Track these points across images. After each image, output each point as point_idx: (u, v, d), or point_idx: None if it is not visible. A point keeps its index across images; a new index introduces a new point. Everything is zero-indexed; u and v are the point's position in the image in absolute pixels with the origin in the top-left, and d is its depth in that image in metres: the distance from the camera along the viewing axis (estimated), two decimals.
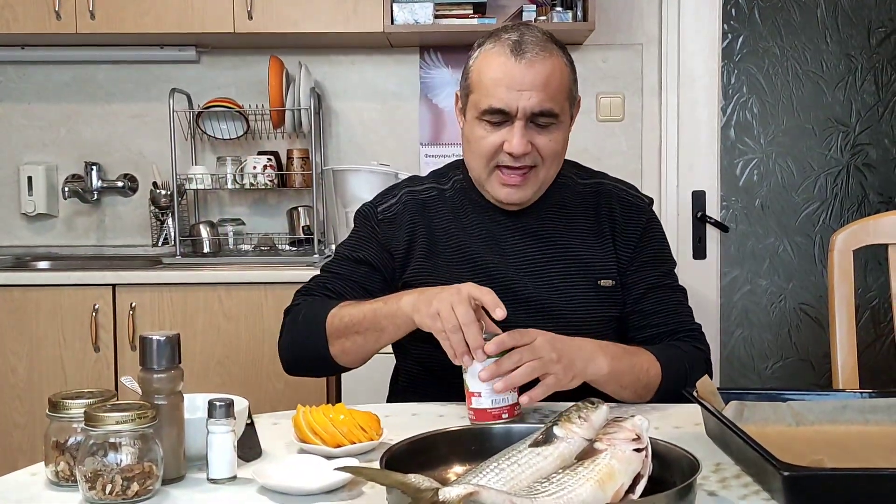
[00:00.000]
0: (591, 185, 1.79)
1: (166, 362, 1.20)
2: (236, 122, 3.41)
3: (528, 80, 1.59)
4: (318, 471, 1.20)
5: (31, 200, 3.47)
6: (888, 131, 3.58)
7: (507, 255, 1.70)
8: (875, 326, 3.58)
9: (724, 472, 1.22)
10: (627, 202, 1.77)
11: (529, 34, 1.63)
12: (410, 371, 1.79)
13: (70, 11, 3.14)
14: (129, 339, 2.88)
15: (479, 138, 1.64)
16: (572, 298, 1.68)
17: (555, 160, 1.67)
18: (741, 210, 3.59)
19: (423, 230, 1.74)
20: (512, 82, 1.59)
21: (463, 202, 1.76)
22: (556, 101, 1.61)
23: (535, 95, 1.59)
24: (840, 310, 1.83)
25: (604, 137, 3.52)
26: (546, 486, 1.00)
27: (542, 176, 1.67)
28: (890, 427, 1.35)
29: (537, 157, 1.64)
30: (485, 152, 1.64)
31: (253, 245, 3.42)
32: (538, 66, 1.59)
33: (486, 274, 1.67)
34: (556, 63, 1.62)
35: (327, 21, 3.17)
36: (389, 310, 1.53)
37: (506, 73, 1.59)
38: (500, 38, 1.63)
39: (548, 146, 1.63)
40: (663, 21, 3.46)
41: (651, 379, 1.57)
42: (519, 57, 1.59)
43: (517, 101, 1.59)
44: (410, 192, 1.79)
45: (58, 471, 1.20)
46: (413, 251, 1.73)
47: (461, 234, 1.73)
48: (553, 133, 1.64)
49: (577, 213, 1.74)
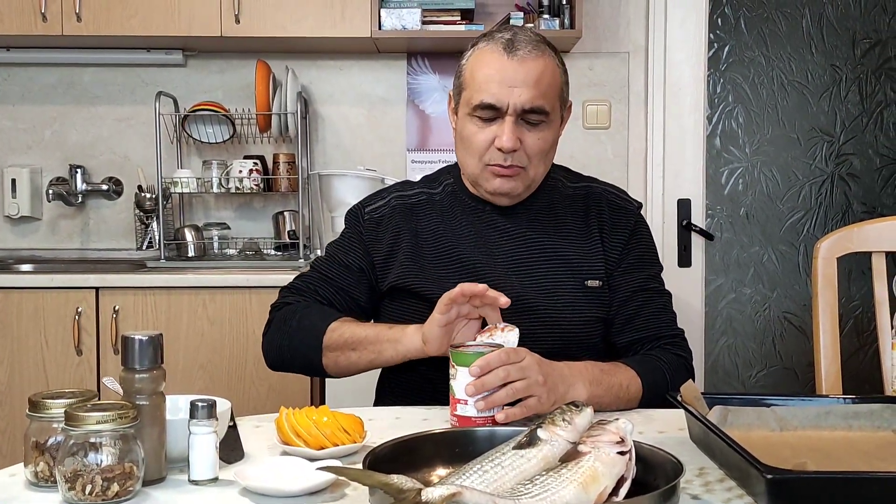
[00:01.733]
0: (580, 189, 1.80)
1: (149, 362, 1.19)
2: (222, 126, 3.40)
3: (520, 76, 1.61)
4: (301, 472, 1.19)
5: (14, 203, 3.45)
6: (872, 141, 3.60)
7: (496, 255, 1.71)
8: (858, 336, 3.60)
9: (707, 477, 1.22)
10: (616, 205, 1.78)
11: (522, 34, 1.66)
12: (397, 378, 1.78)
13: (56, 13, 3.13)
14: (112, 342, 2.86)
15: (471, 134, 1.66)
16: (559, 298, 1.68)
17: (542, 159, 1.68)
18: (726, 218, 3.60)
19: (408, 234, 1.75)
20: (504, 78, 1.61)
21: (452, 205, 1.77)
22: (546, 98, 1.63)
23: (526, 92, 1.61)
24: (824, 317, 1.84)
25: (590, 145, 3.52)
26: (529, 488, 0.99)
27: (532, 174, 1.69)
28: (873, 433, 1.36)
29: (524, 158, 1.66)
30: (476, 148, 1.66)
31: (238, 249, 3.41)
32: (530, 63, 1.62)
33: (474, 274, 1.68)
34: (548, 62, 1.65)
35: (315, 25, 3.17)
36: (394, 335, 1.58)
37: (498, 70, 1.62)
38: (494, 37, 1.66)
39: (535, 144, 1.65)
40: (650, 30, 3.48)
41: (631, 395, 1.59)
42: (511, 54, 1.62)
43: (508, 96, 1.61)
44: (400, 197, 1.81)
45: (37, 471, 1.18)
46: (397, 254, 1.74)
47: (449, 235, 1.74)
48: (542, 132, 1.65)
49: (565, 214, 1.76)
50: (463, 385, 1.39)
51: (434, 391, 1.62)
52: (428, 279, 1.68)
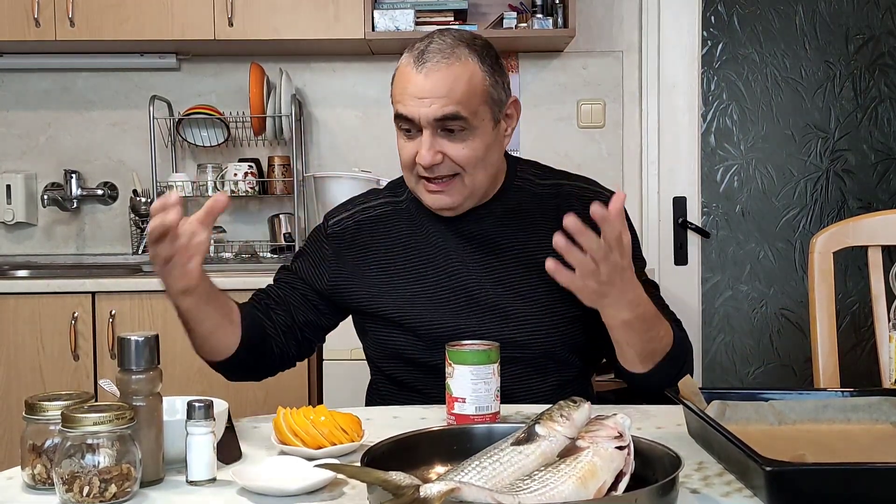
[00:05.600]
0: (550, 187, 1.74)
1: (145, 363, 1.19)
2: (217, 130, 3.40)
3: (428, 88, 1.57)
4: (299, 472, 1.19)
5: (9, 209, 3.45)
6: (867, 137, 3.61)
7: (468, 263, 1.67)
8: (856, 332, 3.60)
9: (706, 471, 1.22)
10: (589, 199, 1.73)
11: (437, 42, 1.61)
12: (385, 387, 1.77)
13: (49, 19, 3.12)
14: (108, 346, 2.85)
15: (401, 148, 1.64)
16: (536, 301, 1.64)
17: (478, 166, 1.62)
18: (722, 216, 3.61)
19: (375, 251, 1.72)
20: (415, 91, 1.58)
21: (418, 213, 1.72)
22: (463, 104, 1.57)
23: (436, 102, 1.57)
24: (821, 311, 1.84)
25: (585, 144, 3.52)
26: (528, 484, 0.99)
27: (469, 183, 1.63)
28: (871, 425, 1.36)
29: (454, 166, 1.61)
30: (406, 163, 1.64)
31: (234, 252, 3.41)
32: (437, 74, 1.57)
33: (448, 284, 1.66)
34: (462, 69, 1.58)
35: (308, 28, 3.17)
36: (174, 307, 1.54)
37: (409, 83, 1.59)
38: (413, 48, 1.63)
39: (461, 154, 1.59)
40: (643, 28, 3.48)
41: (658, 350, 1.53)
42: (420, 67, 1.58)
43: (419, 109, 1.57)
44: (364, 210, 1.77)
45: (34, 474, 1.18)
46: (364, 271, 1.71)
47: (420, 245, 1.70)
48: (467, 140, 1.59)
49: (535, 215, 1.70)
50: (461, 383, 1.39)
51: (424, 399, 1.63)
52: (400, 291, 1.66)
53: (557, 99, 3.52)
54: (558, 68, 3.52)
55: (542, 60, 3.51)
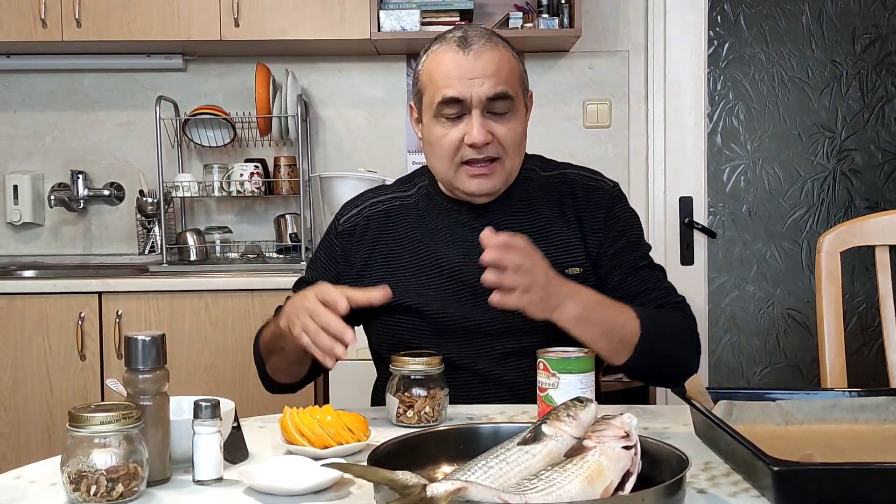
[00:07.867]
0: (554, 177, 1.77)
1: (152, 363, 1.19)
2: (223, 130, 3.40)
3: (479, 68, 1.61)
4: (305, 471, 1.19)
5: (16, 209, 3.45)
6: (874, 137, 3.60)
7: (474, 254, 1.67)
8: (863, 332, 3.59)
9: (713, 471, 1.21)
10: (590, 187, 1.75)
11: (472, 30, 1.66)
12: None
13: (56, 19, 3.13)
14: (115, 347, 2.86)
15: (440, 137, 1.64)
16: None
17: (517, 150, 1.67)
18: (728, 216, 3.60)
19: (382, 246, 1.73)
20: (463, 72, 1.60)
21: (427, 207, 1.75)
22: (510, 85, 1.63)
23: (488, 81, 1.60)
24: (828, 311, 1.83)
25: (591, 144, 3.52)
26: (534, 483, 0.99)
27: (508, 167, 1.67)
28: (879, 425, 1.36)
29: (499, 149, 1.64)
30: (447, 150, 1.64)
31: (240, 253, 3.41)
32: (486, 55, 1.62)
33: (454, 276, 1.67)
34: (504, 52, 1.65)
35: (314, 28, 3.17)
36: (279, 330, 1.56)
37: (456, 66, 1.61)
38: (445, 38, 1.66)
39: (507, 135, 1.63)
40: (649, 28, 3.48)
41: (627, 335, 1.53)
42: (466, 49, 1.62)
43: (470, 89, 1.60)
44: (373, 205, 1.79)
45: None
46: (372, 266, 1.72)
47: (426, 238, 1.72)
48: (511, 121, 1.64)
49: (541, 204, 1.73)
50: (566, 394, 1.33)
51: None
52: (408, 285, 1.67)
53: (563, 99, 3.51)
54: (564, 68, 3.52)
55: (548, 60, 3.50)
